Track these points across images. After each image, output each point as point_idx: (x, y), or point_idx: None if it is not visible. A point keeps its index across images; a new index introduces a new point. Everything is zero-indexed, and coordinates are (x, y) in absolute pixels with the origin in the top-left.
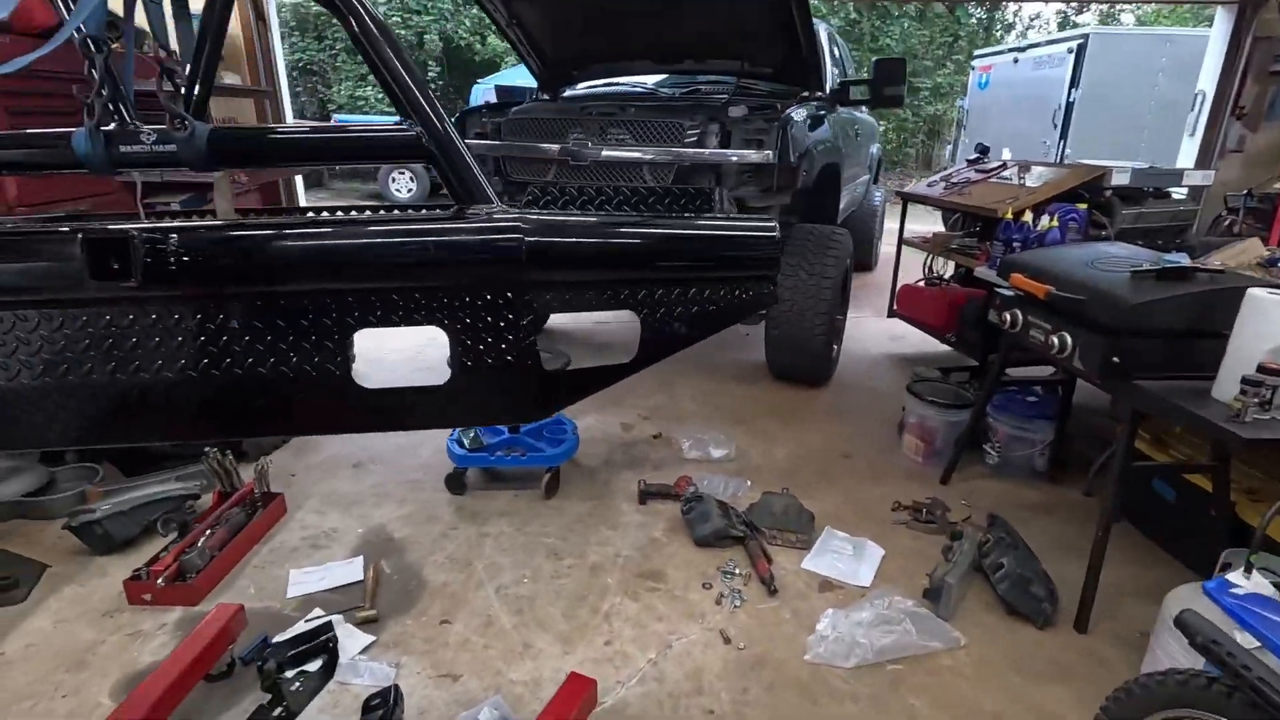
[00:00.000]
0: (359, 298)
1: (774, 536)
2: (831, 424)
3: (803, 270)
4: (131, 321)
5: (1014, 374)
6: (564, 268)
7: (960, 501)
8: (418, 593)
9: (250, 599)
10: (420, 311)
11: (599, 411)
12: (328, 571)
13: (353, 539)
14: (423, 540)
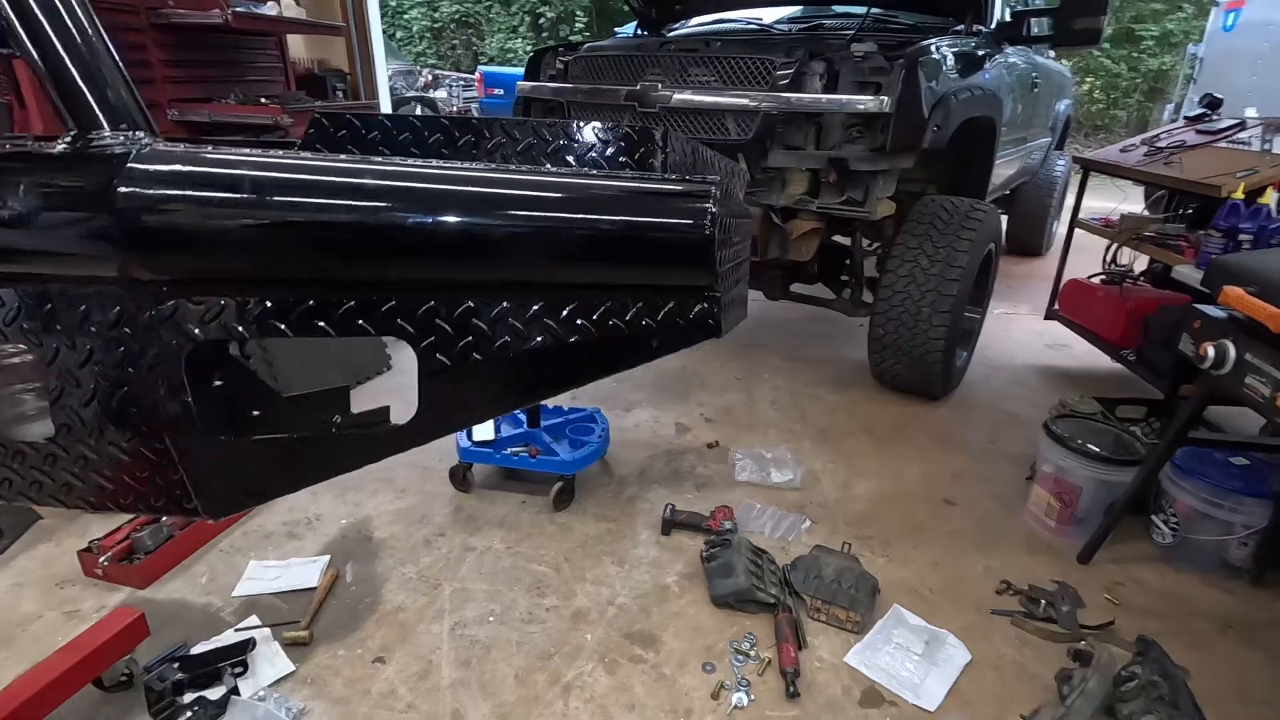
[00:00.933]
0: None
1: (818, 609)
2: (940, 454)
3: (923, 255)
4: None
5: (1214, 413)
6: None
7: (1103, 596)
8: (365, 615)
9: (198, 591)
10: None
11: (656, 405)
12: (286, 570)
13: (332, 531)
14: (402, 545)
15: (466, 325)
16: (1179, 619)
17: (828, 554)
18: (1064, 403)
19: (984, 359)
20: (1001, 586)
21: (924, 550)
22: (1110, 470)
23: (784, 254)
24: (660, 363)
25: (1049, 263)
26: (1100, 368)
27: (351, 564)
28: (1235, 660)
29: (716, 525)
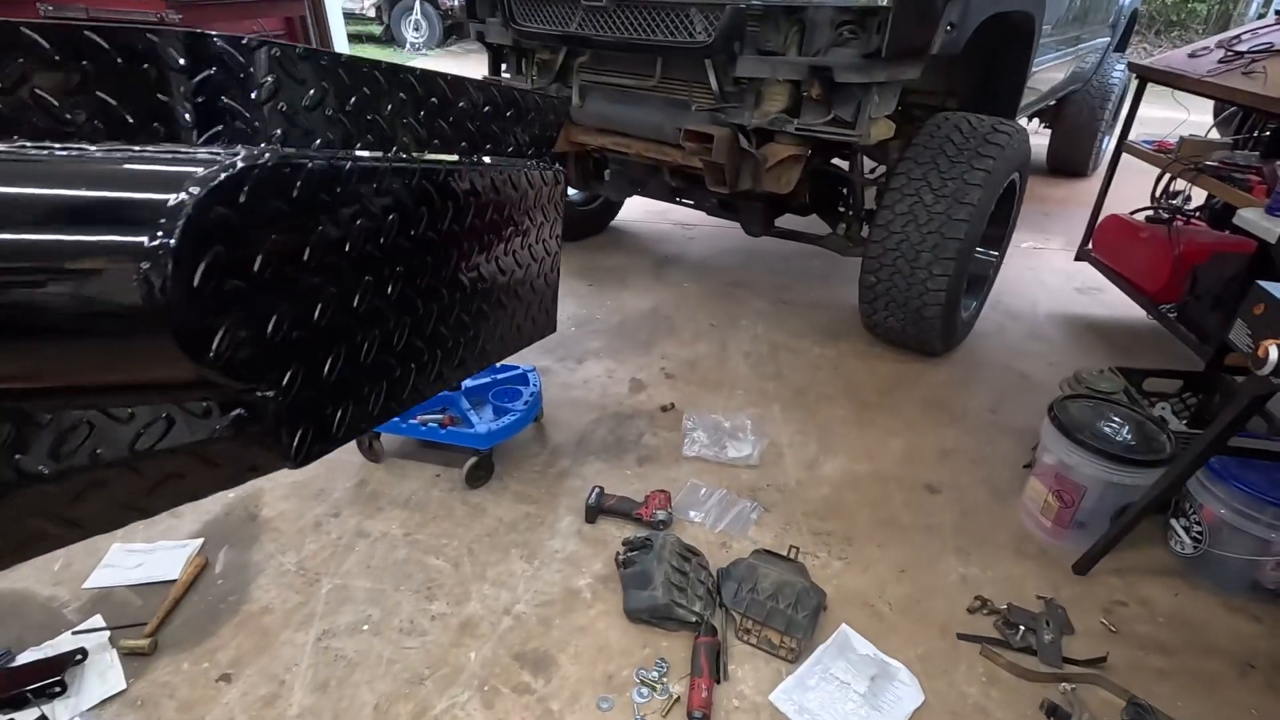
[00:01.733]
0: None
1: (749, 630)
2: (930, 426)
3: (927, 188)
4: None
5: None
6: None
7: (1099, 620)
8: (225, 617)
9: (47, 580)
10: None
11: (613, 356)
12: (151, 555)
13: (215, 508)
14: (288, 527)
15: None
16: (1190, 654)
17: (769, 561)
18: (1079, 376)
19: (1001, 305)
20: (975, 604)
21: (891, 551)
22: (1124, 471)
23: (757, 185)
24: (629, 304)
25: (1094, 186)
26: (1136, 321)
27: (226, 550)
28: (1256, 713)
29: (648, 514)
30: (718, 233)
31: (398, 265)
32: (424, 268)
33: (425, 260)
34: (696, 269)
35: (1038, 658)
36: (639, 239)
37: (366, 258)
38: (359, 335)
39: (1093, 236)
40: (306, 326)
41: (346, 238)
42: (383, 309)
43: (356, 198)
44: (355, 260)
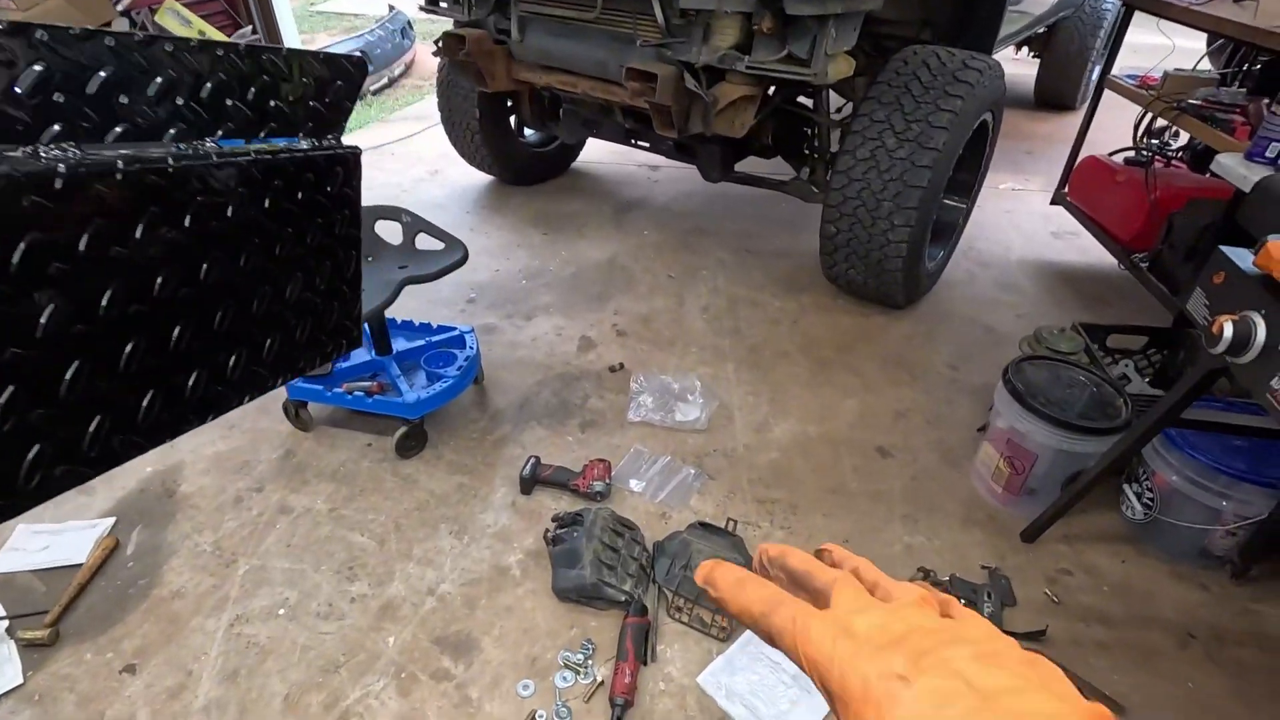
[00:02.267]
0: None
1: (680, 608)
2: (887, 384)
3: (890, 131)
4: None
5: None
6: None
7: (1043, 590)
8: (134, 603)
9: None
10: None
11: (564, 312)
12: (58, 537)
13: (130, 483)
14: (207, 503)
15: None
16: (1132, 626)
17: (704, 536)
18: (1039, 335)
19: (972, 251)
20: (917, 575)
21: (837, 520)
22: (1076, 439)
23: (708, 129)
24: (585, 254)
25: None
26: (1111, 269)
27: (139, 530)
28: (1191, 686)
29: (585, 486)
30: (684, 173)
31: (132, 281)
32: (168, 282)
33: (169, 273)
34: (659, 215)
35: None
36: (601, 182)
37: (88, 274)
38: (75, 365)
39: (1069, 179)
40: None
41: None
42: (111, 335)
43: (70, 204)
44: (74, 278)
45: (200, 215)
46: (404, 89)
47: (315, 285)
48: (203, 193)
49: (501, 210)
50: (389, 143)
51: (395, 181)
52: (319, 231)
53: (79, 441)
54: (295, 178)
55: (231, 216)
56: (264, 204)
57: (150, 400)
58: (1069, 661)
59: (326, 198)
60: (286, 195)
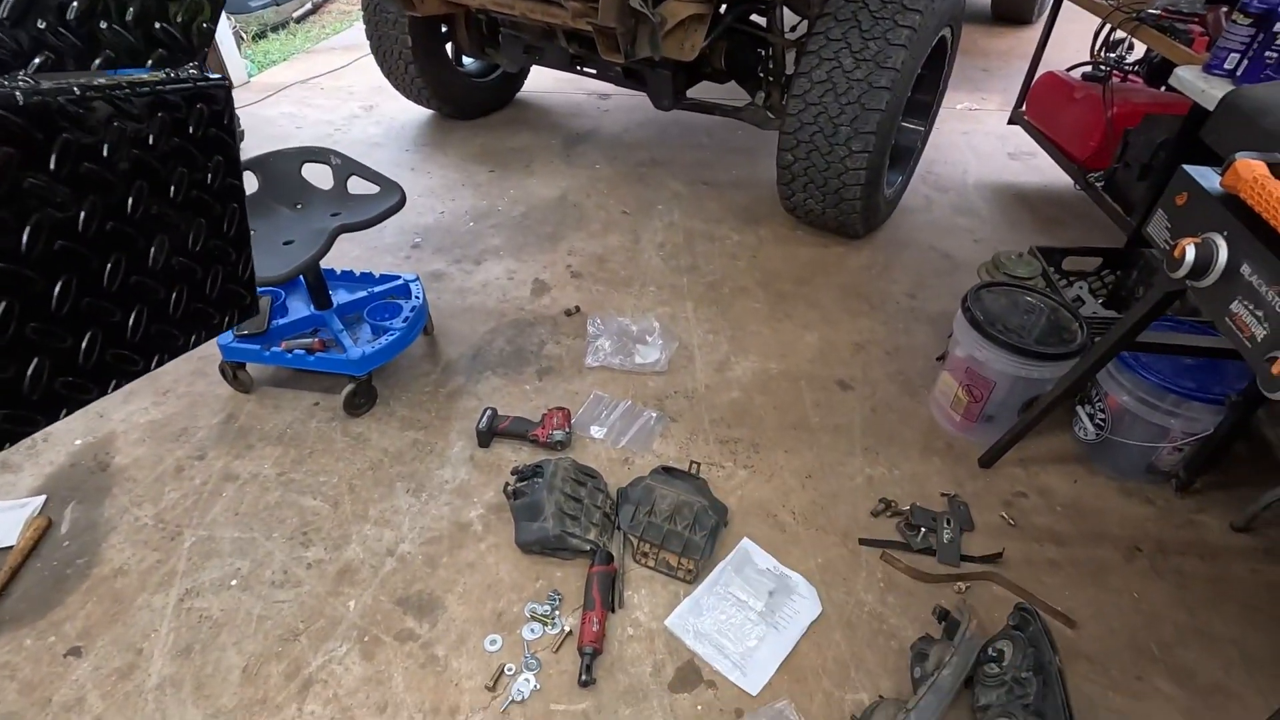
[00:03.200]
0: None
1: (646, 553)
2: (846, 316)
3: (847, 51)
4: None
5: None
6: None
7: (1000, 514)
8: (74, 584)
9: None
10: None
11: (515, 254)
12: None
13: (59, 458)
14: (145, 475)
15: None
16: (1083, 543)
17: (667, 480)
18: (998, 261)
19: (930, 176)
20: (879, 506)
21: (799, 456)
22: (1033, 364)
23: (656, 53)
24: (535, 192)
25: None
26: (1066, 189)
27: (73, 507)
28: (1137, 596)
29: (544, 436)
30: (635, 102)
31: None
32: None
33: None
34: (610, 147)
35: (936, 558)
36: (548, 113)
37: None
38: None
39: (1027, 97)
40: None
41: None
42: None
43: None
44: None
45: (23, 165)
46: (330, 15)
47: (187, 248)
48: (18, 138)
49: (443, 147)
50: (316, 76)
51: (326, 119)
52: (185, 183)
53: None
54: (145, 119)
55: (62, 168)
56: (106, 152)
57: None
58: (1024, 580)
59: (190, 142)
60: (135, 141)
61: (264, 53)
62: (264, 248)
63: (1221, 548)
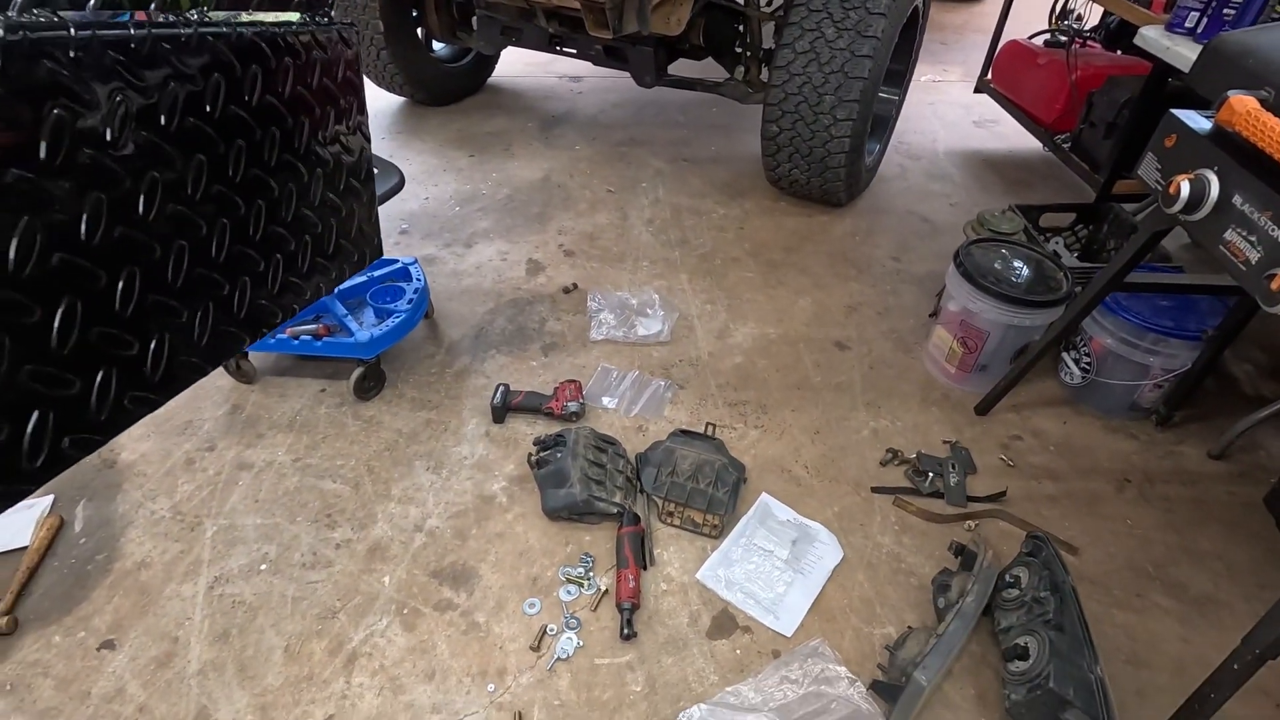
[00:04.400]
0: None
1: (671, 512)
2: (837, 281)
3: (829, 21)
4: None
5: None
6: None
7: (999, 456)
8: (96, 579)
9: None
10: None
11: (505, 236)
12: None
13: None
14: (155, 469)
15: None
16: (1076, 478)
17: (686, 442)
18: (982, 218)
19: (902, 146)
20: (887, 456)
21: (805, 414)
22: (1024, 313)
23: (644, 27)
24: (517, 174)
25: (990, 10)
26: (1030, 152)
27: (84, 505)
28: (1130, 523)
29: (559, 408)
30: (608, 84)
31: (110, 197)
32: (153, 193)
33: (151, 180)
34: (588, 128)
35: (945, 500)
36: (521, 97)
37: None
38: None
39: (992, 66)
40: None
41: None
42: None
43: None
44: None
45: (223, 94)
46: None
47: (335, 184)
48: (184, 75)
49: (419, 134)
50: None
51: None
52: (335, 120)
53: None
54: (299, 58)
55: (249, 96)
56: (274, 88)
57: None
58: (1026, 515)
59: (334, 82)
60: (296, 79)
61: None
62: None
63: (1201, 474)
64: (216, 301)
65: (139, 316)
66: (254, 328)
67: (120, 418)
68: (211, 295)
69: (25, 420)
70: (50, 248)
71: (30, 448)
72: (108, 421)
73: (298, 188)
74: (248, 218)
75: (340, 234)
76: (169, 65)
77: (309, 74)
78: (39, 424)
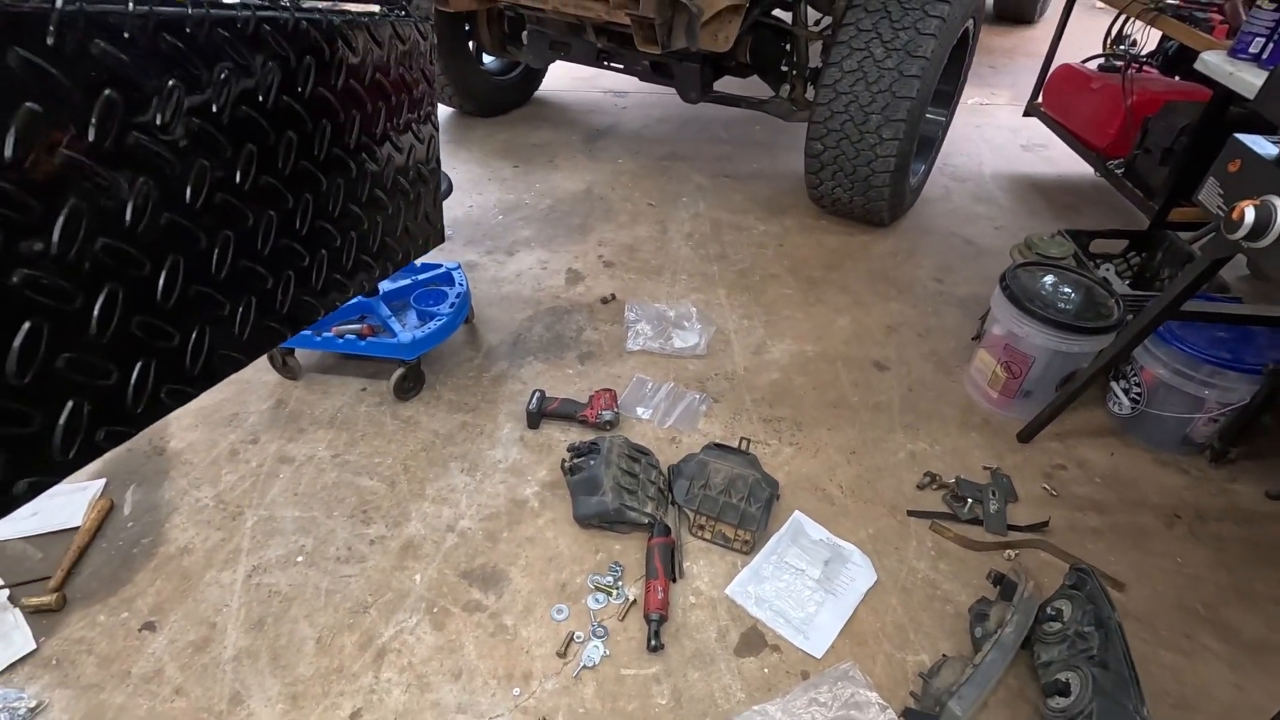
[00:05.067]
0: None
1: (703, 526)
2: (877, 300)
3: (877, 41)
4: None
5: None
6: None
7: (1041, 485)
8: (141, 562)
9: None
10: None
11: (546, 245)
12: (47, 502)
13: None
14: (201, 458)
15: None
16: (1123, 511)
17: (720, 455)
18: (1030, 242)
19: (947, 167)
20: (924, 480)
21: (841, 433)
22: (1073, 339)
23: (692, 43)
24: (560, 186)
25: (1041, 34)
26: (1080, 177)
27: (133, 489)
28: (1179, 560)
29: (593, 416)
30: (652, 99)
31: (235, 149)
32: (231, 175)
33: (279, 139)
34: (631, 142)
35: (984, 528)
36: (567, 110)
37: (177, 145)
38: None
39: (1043, 89)
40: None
41: (149, 112)
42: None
43: (154, 55)
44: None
45: (307, 78)
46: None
47: (406, 169)
48: (317, 52)
49: (466, 144)
50: None
51: None
52: (408, 110)
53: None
54: (386, 45)
55: (332, 82)
56: (358, 75)
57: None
58: (1069, 547)
59: (412, 72)
60: (380, 64)
61: None
62: None
63: (1257, 514)
64: (259, 295)
65: (181, 307)
66: (330, 292)
67: (155, 410)
68: (255, 288)
69: (59, 410)
70: (101, 230)
71: (64, 439)
72: (143, 413)
73: (373, 173)
74: (325, 199)
75: (411, 216)
76: (268, 48)
77: (389, 63)
78: (73, 414)
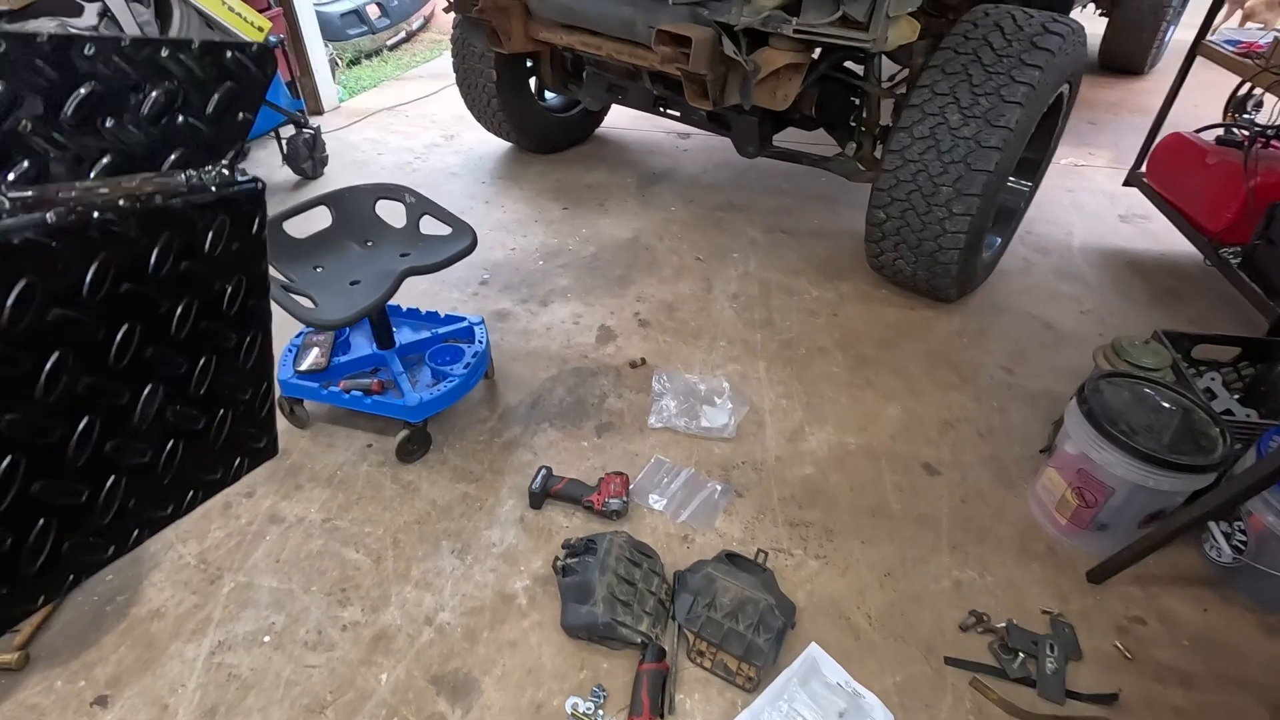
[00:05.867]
0: None
1: (703, 652)
2: (935, 388)
3: (954, 106)
4: None
5: None
6: None
7: (1113, 642)
8: (111, 623)
9: None
10: None
11: (582, 297)
12: None
13: None
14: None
15: None
16: (1217, 688)
17: (731, 571)
18: (1118, 347)
19: (1029, 236)
20: (969, 620)
21: (877, 548)
22: (1163, 475)
23: (746, 100)
24: (607, 232)
25: (1151, 86)
26: (1186, 258)
27: None
28: None
29: (599, 503)
30: (714, 142)
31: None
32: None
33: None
34: (687, 188)
35: (1037, 691)
36: (626, 150)
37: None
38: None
39: (1148, 158)
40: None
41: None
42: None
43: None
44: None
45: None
46: (422, 44)
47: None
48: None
49: (519, 181)
50: (402, 104)
51: (407, 146)
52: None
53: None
54: (158, 236)
55: (52, 303)
56: (143, 266)
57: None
58: None
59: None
60: (153, 263)
61: (356, 78)
62: (330, 287)
63: None
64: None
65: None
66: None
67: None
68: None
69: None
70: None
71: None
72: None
73: (114, 413)
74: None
75: (193, 449)
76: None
77: (178, 256)
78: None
